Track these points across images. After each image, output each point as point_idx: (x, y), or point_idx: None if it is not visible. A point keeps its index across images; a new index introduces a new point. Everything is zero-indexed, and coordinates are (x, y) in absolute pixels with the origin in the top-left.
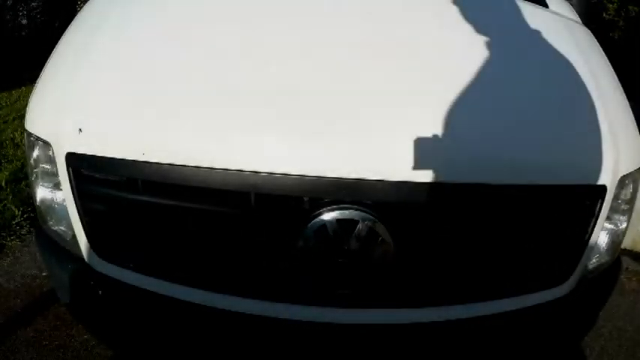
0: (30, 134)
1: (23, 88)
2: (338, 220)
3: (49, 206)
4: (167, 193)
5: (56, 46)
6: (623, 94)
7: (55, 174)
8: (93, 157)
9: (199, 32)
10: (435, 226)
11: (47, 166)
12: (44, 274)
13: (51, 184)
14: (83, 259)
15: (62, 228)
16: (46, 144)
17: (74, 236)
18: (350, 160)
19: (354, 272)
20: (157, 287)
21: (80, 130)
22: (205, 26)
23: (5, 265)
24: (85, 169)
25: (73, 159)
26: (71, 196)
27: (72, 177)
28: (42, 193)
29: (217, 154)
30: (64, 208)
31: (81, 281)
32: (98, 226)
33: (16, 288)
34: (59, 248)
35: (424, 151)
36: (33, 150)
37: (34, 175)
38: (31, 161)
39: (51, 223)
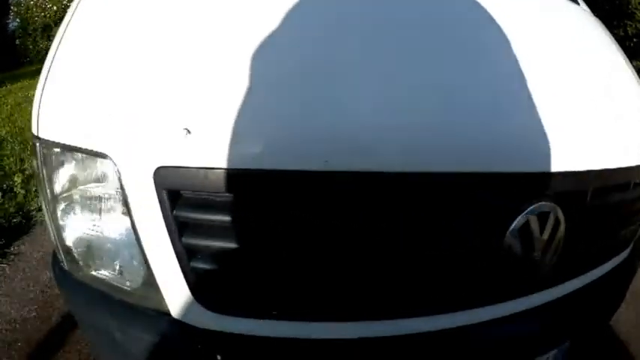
0: (54, 145)
1: None
2: (538, 215)
3: (93, 246)
4: (355, 206)
5: (66, 32)
6: None
7: (114, 199)
8: (220, 171)
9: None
10: (589, 209)
11: (96, 190)
12: (34, 314)
13: (96, 215)
14: (169, 314)
15: (119, 275)
16: (97, 156)
17: (147, 284)
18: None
19: (540, 264)
20: (334, 332)
21: (188, 131)
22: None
23: None
24: (196, 190)
25: (170, 176)
26: (163, 229)
27: (167, 202)
28: (79, 227)
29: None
30: (128, 247)
31: (178, 347)
32: (211, 270)
33: (4, 338)
34: (113, 302)
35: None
36: (59, 167)
37: (63, 204)
38: (55, 185)
39: (94, 268)
